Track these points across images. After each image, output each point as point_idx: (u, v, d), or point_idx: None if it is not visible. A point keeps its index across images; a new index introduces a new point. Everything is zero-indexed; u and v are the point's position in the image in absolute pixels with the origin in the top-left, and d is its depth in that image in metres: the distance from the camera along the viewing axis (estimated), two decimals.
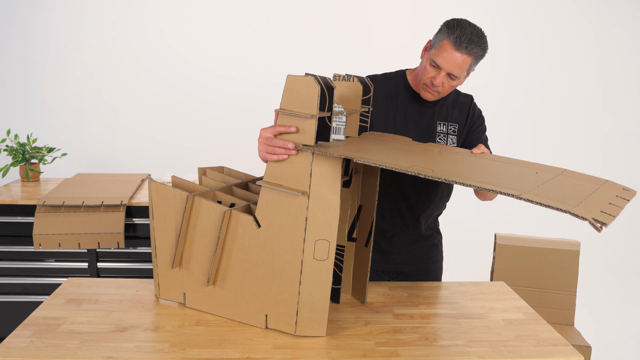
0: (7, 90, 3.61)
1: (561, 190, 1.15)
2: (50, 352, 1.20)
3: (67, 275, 2.62)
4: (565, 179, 1.26)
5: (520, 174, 1.25)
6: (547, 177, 1.25)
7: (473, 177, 1.17)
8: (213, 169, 1.60)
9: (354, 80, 1.44)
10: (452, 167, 1.29)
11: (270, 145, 1.26)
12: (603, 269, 3.84)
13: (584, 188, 1.20)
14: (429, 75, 1.60)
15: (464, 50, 1.53)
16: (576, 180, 1.26)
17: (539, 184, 1.16)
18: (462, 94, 1.81)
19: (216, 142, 3.70)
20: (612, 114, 3.90)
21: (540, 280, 2.43)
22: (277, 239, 1.28)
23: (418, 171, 1.14)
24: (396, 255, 1.82)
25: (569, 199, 1.08)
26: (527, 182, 1.17)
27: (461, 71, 1.57)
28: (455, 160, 1.37)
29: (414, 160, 1.26)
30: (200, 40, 3.67)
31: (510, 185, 1.13)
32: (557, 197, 1.09)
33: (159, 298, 1.49)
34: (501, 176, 1.22)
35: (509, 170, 1.29)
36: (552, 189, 1.14)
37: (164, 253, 1.44)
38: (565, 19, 3.78)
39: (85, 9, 3.59)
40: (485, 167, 1.31)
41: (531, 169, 1.31)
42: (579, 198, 1.10)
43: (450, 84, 1.61)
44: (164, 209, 1.40)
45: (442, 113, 1.73)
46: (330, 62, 3.64)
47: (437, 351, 1.26)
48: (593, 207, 1.07)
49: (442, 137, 1.72)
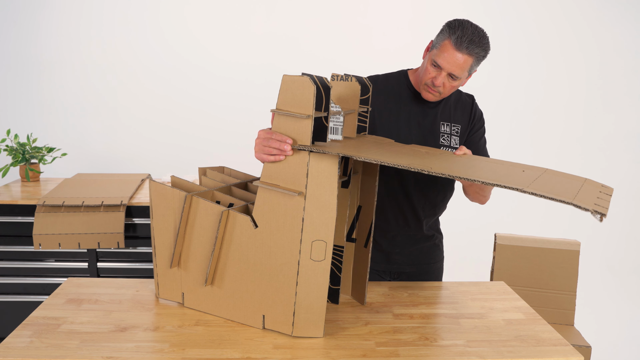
0: (7, 90, 3.61)
1: (553, 186, 1.18)
2: (50, 352, 1.20)
3: (67, 275, 2.62)
4: (551, 177, 1.29)
5: (510, 172, 1.28)
6: (535, 175, 1.28)
7: (471, 174, 1.20)
8: (213, 169, 1.60)
9: (352, 80, 1.44)
10: (449, 165, 1.30)
11: (266, 146, 1.26)
12: (603, 268, 3.84)
13: (571, 185, 1.24)
14: (430, 75, 1.60)
15: (465, 51, 1.53)
16: (561, 178, 1.30)
17: (531, 181, 1.20)
18: (463, 94, 1.80)
19: (216, 142, 3.70)
20: (613, 114, 3.90)
21: (540, 280, 2.43)
22: (274, 240, 1.28)
23: (417, 167, 1.17)
24: (398, 255, 1.82)
25: (564, 193, 1.12)
26: (520, 179, 1.20)
27: (462, 71, 1.57)
28: (449, 159, 1.38)
29: (410, 159, 1.27)
30: (201, 40, 3.67)
31: (508, 181, 1.16)
32: (553, 191, 1.13)
33: (159, 297, 1.49)
34: (495, 173, 1.25)
35: (498, 169, 1.31)
36: (545, 185, 1.18)
37: (163, 253, 1.44)
38: (565, 19, 3.78)
39: (85, 8, 3.59)
40: (478, 165, 1.33)
41: (517, 168, 1.34)
42: (572, 192, 1.14)
43: (451, 85, 1.61)
44: (163, 208, 1.41)
45: (445, 113, 1.73)
46: (330, 62, 3.64)
47: (437, 351, 1.26)
48: (588, 200, 1.11)
49: (446, 137, 1.72)
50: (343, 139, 1.40)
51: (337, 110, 1.35)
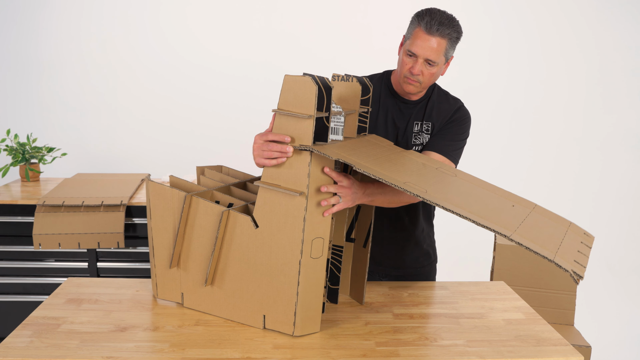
0: (7, 89, 3.61)
1: (539, 231, 1.21)
2: (50, 352, 1.20)
3: (67, 275, 2.62)
4: (538, 217, 1.31)
5: (501, 206, 1.29)
6: (524, 213, 1.29)
7: (464, 206, 1.20)
8: (212, 168, 1.60)
9: (353, 80, 1.44)
10: (444, 189, 1.30)
11: (266, 150, 1.25)
12: (603, 268, 3.84)
13: (556, 230, 1.27)
14: (407, 66, 1.60)
15: (437, 34, 1.54)
16: (547, 219, 1.32)
17: (520, 221, 1.22)
18: (450, 96, 1.77)
19: (216, 142, 3.70)
20: (612, 114, 3.89)
21: (540, 280, 2.43)
22: (275, 240, 1.28)
23: (414, 191, 1.18)
24: (386, 258, 1.80)
25: (548, 243, 1.15)
26: (509, 218, 1.23)
27: (438, 55, 1.56)
28: (444, 179, 1.37)
29: (409, 176, 1.28)
30: (201, 39, 3.66)
31: (498, 220, 1.18)
32: (538, 239, 1.16)
33: (157, 298, 1.49)
34: (486, 206, 1.25)
35: (489, 200, 1.31)
36: (532, 229, 1.20)
37: (162, 253, 1.43)
38: (565, 19, 3.78)
39: (85, 8, 3.59)
40: (469, 192, 1.32)
41: (507, 200, 1.34)
42: (556, 243, 1.18)
43: (430, 72, 1.59)
44: (161, 209, 1.40)
45: (421, 113, 1.72)
46: (330, 62, 3.64)
47: (437, 351, 1.26)
48: (568, 256, 1.15)
49: (417, 136, 1.71)
50: (344, 139, 1.40)
51: (338, 111, 1.35)
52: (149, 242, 1.47)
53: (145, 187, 1.43)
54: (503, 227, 1.15)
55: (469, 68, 3.74)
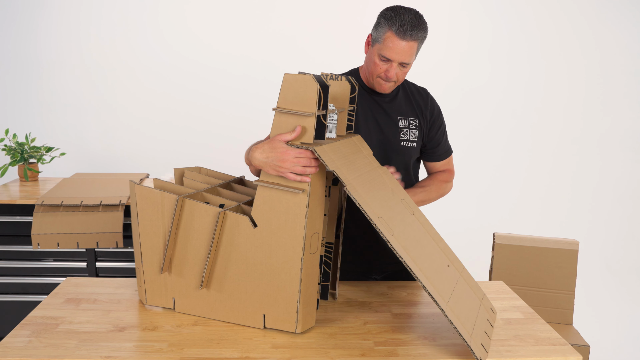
0: (6, 89, 3.61)
1: (463, 305, 1.29)
2: (48, 351, 1.20)
3: (66, 274, 2.62)
4: (464, 286, 1.37)
5: (441, 266, 1.34)
6: (455, 277, 1.36)
7: (417, 262, 1.25)
8: (191, 170, 1.58)
9: (342, 79, 1.45)
10: (402, 229, 1.32)
11: (299, 166, 1.23)
12: (602, 268, 3.84)
13: (473, 303, 1.35)
14: (382, 69, 1.62)
15: (410, 38, 1.55)
16: (469, 288, 1.39)
17: (452, 289, 1.30)
18: (416, 86, 1.81)
19: (216, 142, 3.70)
20: (612, 114, 3.90)
21: (538, 279, 2.43)
22: (275, 238, 1.28)
23: (382, 230, 1.22)
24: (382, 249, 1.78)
25: (466, 321, 1.24)
26: (446, 282, 1.30)
27: (411, 57, 1.60)
28: (403, 217, 1.37)
29: (380, 206, 1.30)
30: (201, 39, 3.66)
31: (438, 284, 1.25)
32: (461, 315, 1.24)
33: (146, 305, 1.45)
34: (431, 264, 1.31)
35: (435, 256, 1.36)
36: (458, 301, 1.28)
37: (151, 258, 1.40)
38: (566, 19, 3.79)
39: (83, 8, 3.58)
40: (421, 241, 1.36)
41: (445, 258, 1.39)
42: (472, 320, 1.27)
43: (403, 72, 1.64)
44: (150, 212, 1.37)
45: (402, 108, 1.74)
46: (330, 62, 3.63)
47: (436, 351, 1.26)
48: (478, 338, 1.23)
49: (405, 132, 1.72)
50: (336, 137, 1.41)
51: (332, 109, 1.36)
52: (134, 248, 1.43)
53: (131, 190, 1.39)
54: (440, 296, 1.22)
55: (469, 69, 3.75)
